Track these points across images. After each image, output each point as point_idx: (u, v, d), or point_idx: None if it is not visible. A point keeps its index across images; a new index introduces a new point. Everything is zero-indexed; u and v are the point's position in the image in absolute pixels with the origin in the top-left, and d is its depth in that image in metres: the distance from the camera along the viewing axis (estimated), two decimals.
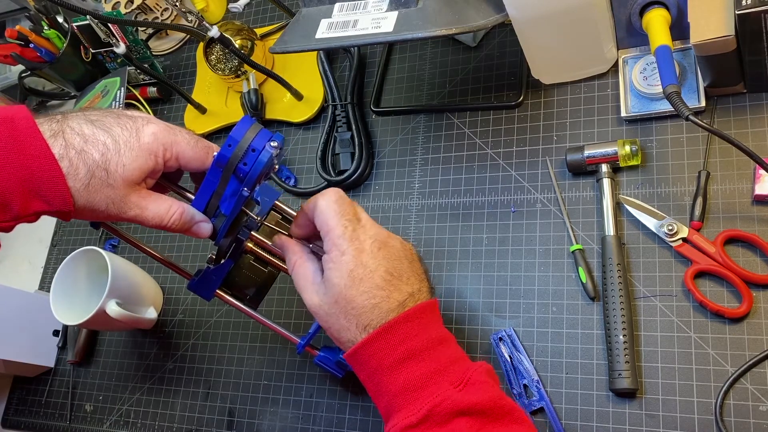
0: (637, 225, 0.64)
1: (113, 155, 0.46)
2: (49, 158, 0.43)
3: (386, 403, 0.49)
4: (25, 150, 0.43)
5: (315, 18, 0.65)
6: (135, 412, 0.81)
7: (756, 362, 0.56)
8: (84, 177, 0.45)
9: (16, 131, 0.43)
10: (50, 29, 0.94)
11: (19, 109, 0.45)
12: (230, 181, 0.50)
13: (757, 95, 0.63)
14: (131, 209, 0.48)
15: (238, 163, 0.49)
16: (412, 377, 0.48)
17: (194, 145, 0.50)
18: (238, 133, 0.48)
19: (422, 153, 0.77)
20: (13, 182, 0.43)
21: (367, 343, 0.49)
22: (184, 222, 0.51)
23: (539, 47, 0.67)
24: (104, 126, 0.46)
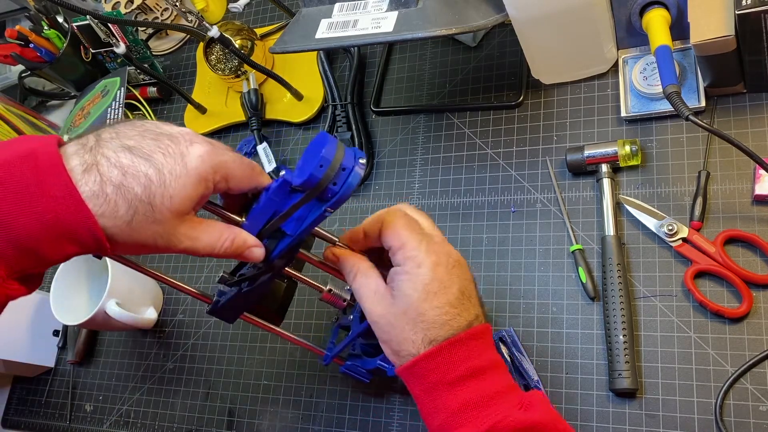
0: (637, 225, 0.64)
1: (158, 188, 0.40)
2: (75, 199, 0.38)
3: (443, 421, 0.48)
4: (48, 191, 0.38)
5: (315, 18, 0.65)
6: (135, 412, 0.81)
7: (756, 362, 0.56)
8: (125, 214, 0.40)
9: (38, 170, 0.38)
10: (50, 29, 0.94)
11: (46, 143, 0.39)
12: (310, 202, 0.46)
13: (757, 95, 0.63)
14: (182, 242, 0.44)
15: (328, 184, 0.45)
16: (474, 396, 0.47)
17: (241, 164, 0.46)
18: (329, 152, 0.44)
19: (422, 153, 0.77)
20: (37, 227, 0.38)
21: (429, 356, 0.48)
22: (237, 248, 0.47)
23: (539, 47, 0.67)
24: (144, 153, 0.41)
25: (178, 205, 0.41)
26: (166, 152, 0.41)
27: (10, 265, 0.39)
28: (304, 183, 0.44)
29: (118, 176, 0.39)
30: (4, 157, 0.38)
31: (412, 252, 0.49)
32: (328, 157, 0.44)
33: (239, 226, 0.48)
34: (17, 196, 0.37)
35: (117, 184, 0.39)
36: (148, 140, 0.41)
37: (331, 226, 0.79)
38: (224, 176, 0.44)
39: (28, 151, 0.38)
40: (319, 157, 0.43)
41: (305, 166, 0.45)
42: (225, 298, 0.53)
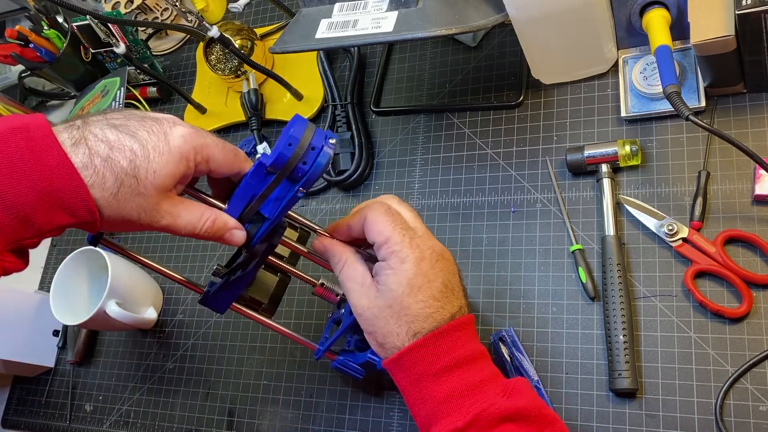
0: (637, 225, 0.64)
1: (142, 161, 0.42)
2: (68, 168, 0.40)
3: (429, 411, 0.48)
4: (43, 161, 0.39)
5: (315, 18, 0.65)
6: (135, 412, 0.81)
7: (756, 362, 0.56)
8: (112, 186, 0.41)
9: (32, 141, 0.40)
10: (50, 29, 0.94)
11: (35, 117, 0.41)
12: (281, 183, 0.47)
13: (757, 95, 0.63)
14: (163, 218, 0.45)
15: (297, 163, 0.46)
16: (459, 385, 0.48)
17: (222, 148, 0.47)
18: (297, 131, 0.45)
19: (422, 153, 0.77)
20: (32, 196, 0.39)
21: (414, 348, 0.49)
22: (217, 229, 0.48)
23: (539, 47, 0.67)
24: (129, 130, 0.42)
25: (161, 181, 0.43)
26: (150, 131, 0.43)
27: (5, 235, 0.39)
28: (273, 163, 0.46)
29: (105, 150, 0.41)
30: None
31: (395, 247, 0.50)
32: (296, 135, 0.45)
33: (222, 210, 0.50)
34: (12, 165, 0.39)
35: (104, 157, 0.41)
36: (133, 121, 0.43)
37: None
38: (205, 158, 0.46)
39: (20, 125, 0.40)
40: (288, 136, 0.45)
41: (276, 146, 0.46)
42: (214, 287, 0.54)
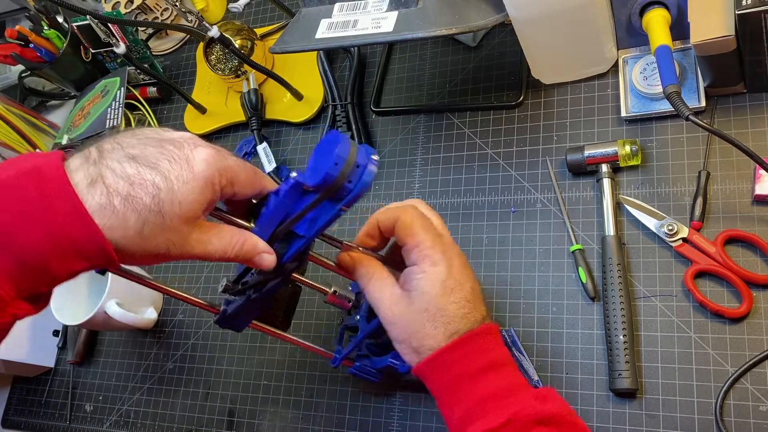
0: (637, 225, 0.64)
1: (166, 194, 0.39)
2: (82, 214, 0.37)
3: (464, 412, 0.48)
4: (54, 206, 0.37)
5: (315, 18, 0.65)
6: (135, 412, 0.81)
7: (756, 362, 0.56)
8: (135, 225, 0.39)
9: (44, 185, 0.37)
10: (50, 29, 0.94)
11: (49, 158, 0.39)
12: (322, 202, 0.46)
13: (757, 95, 0.63)
14: (194, 248, 0.43)
15: (343, 182, 0.44)
16: (494, 387, 0.49)
17: (244, 168, 0.45)
18: (343, 150, 0.43)
19: (422, 153, 0.77)
20: (45, 244, 0.37)
21: (451, 348, 0.49)
22: (246, 252, 0.46)
23: (539, 47, 0.67)
24: (149, 161, 0.40)
25: (187, 211, 0.41)
26: (171, 158, 0.40)
27: (17, 284, 0.38)
28: (320, 183, 0.43)
29: (125, 187, 0.38)
30: (8, 174, 0.37)
31: (427, 251, 0.51)
32: (342, 155, 0.43)
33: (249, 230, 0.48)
34: (23, 212, 0.37)
35: (125, 195, 0.38)
36: (150, 148, 0.40)
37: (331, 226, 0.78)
38: (230, 180, 0.44)
39: (32, 168, 0.38)
40: (334, 155, 0.43)
41: (319, 165, 0.44)
42: (232, 307, 0.52)
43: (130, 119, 0.92)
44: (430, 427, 0.66)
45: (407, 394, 0.68)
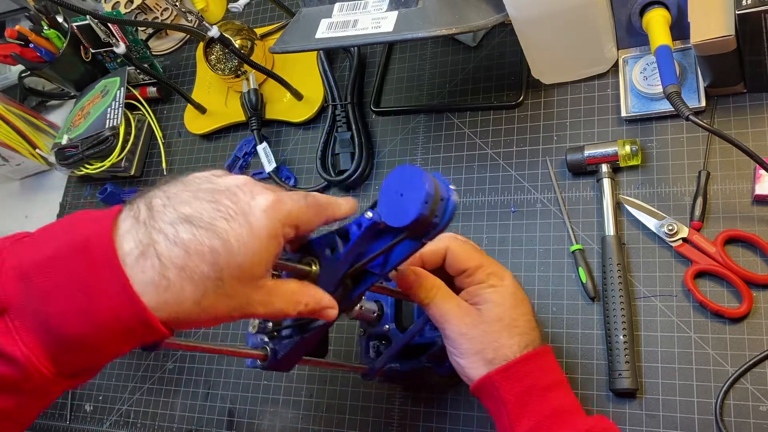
0: (637, 225, 0.64)
1: (225, 260, 0.36)
2: (129, 295, 0.34)
3: (534, 424, 0.49)
4: (100, 286, 0.35)
5: (315, 18, 0.65)
6: (135, 412, 0.81)
7: (756, 362, 0.56)
8: (192, 296, 0.36)
9: (91, 261, 0.35)
10: (50, 29, 0.94)
11: (100, 227, 0.36)
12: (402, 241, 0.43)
13: (758, 95, 0.63)
14: (257, 310, 0.40)
15: (432, 219, 0.41)
16: (563, 403, 0.51)
17: (306, 208, 0.41)
18: (431, 187, 0.41)
19: (422, 153, 0.77)
20: (90, 328, 0.35)
21: (526, 360, 0.51)
22: (311, 310, 0.43)
23: (539, 47, 0.67)
24: (205, 222, 0.36)
25: (249, 274, 0.37)
26: (228, 215, 0.36)
27: (59, 365, 0.36)
28: (412, 223, 0.40)
29: (180, 256, 0.35)
30: (56, 249, 0.35)
31: (492, 268, 0.53)
32: (431, 192, 0.41)
33: (313, 276, 0.45)
34: (69, 294, 0.35)
35: (180, 266, 0.35)
36: (205, 203, 0.37)
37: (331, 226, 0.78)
38: (293, 225, 0.40)
39: (81, 242, 0.35)
40: (424, 193, 0.40)
41: (401, 204, 0.41)
42: (284, 349, 0.49)
43: (130, 119, 0.92)
44: (430, 427, 0.66)
45: (407, 395, 0.68)
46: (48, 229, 0.38)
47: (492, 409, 0.52)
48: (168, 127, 0.96)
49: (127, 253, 0.35)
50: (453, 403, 0.65)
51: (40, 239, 0.37)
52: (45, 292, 0.35)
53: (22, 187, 1.07)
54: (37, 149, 1.01)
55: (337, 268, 0.44)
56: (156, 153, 0.95)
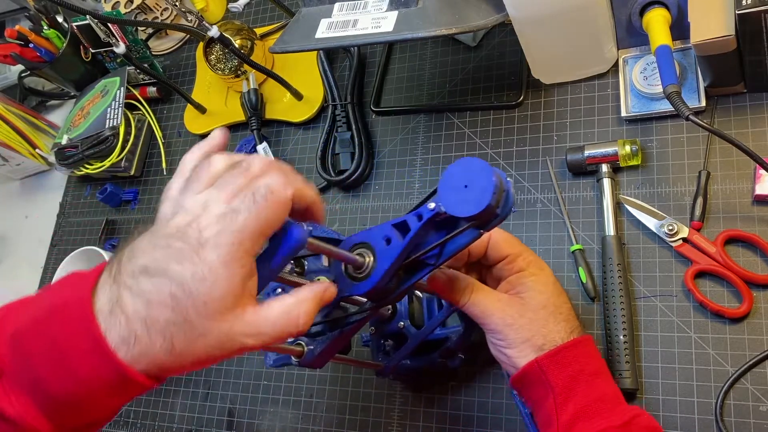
0: (637, 225, 0.64)
1: (186, 301, 0.35)
2: (104, 353, 0.35)
3: (581, 408, 0.50)
4: (79, 346, 0.35)
5: (315, 18, 0.65)
6: (135, 412, 0.81)
7: (756, 362, 0.56)
8: (163, 347, 0.35)
9: (68, 324, 0.35)
10: (50, 29, 0.94)
11: (79, 290, 0.36)
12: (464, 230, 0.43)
13: (758, 95, 0.63)
14: (246, 342, 0.37)
15: (496, 210, 0.41)
16: (607, 390, 0.52)
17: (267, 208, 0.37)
18: (497, 177, 0.41)
19: (422, 153, 0.77)
20: (73, 386, 0.36)
21: (574, 345, 0.52)
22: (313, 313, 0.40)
23: (539, 47, 0.67)
24: (159, 268, 0.35)
25: (218, 308, 0.36)
26: (180, 257, 0.35)
27: (56, 422, 0.37)
28: (480, 213, 0.40)
29: (143, 308, 0.35)
30: (40, 311, 0.37)
31: (531, 257, 0.55)
32: (497, 183, 0.41)
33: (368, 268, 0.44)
34: (51, 355, 0.35)
35: (143, 319, 0.35)
36: (159, 250, 0.36)
37: (331, 225, 0.79)
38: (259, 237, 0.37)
39: (61, 303, 0.36)
40: (492, 184, 0.40)
41: (470, 195, 0.41)
42: (321, 345, 0.49)
43: (129, 119, 0.92)
44: (430, 427, 0.65)
45: (407, 394, 0.68)
46: (43, 291, 0.39)
47: (535, 395, 0.52)
48: (168, 127, 0.96)
49: (100, 310, 0.35)
50: (453, 403, 0.65)
51: (33, 303, 0.38)
52: (31, 355, 0.36)
53: (22, 187, 1.07)
54: (37, 149, 1.01)
55: (393, 259, 0.44)
56: (156, 153, 0.95)
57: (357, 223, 0.77)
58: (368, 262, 0.45)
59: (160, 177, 0.93)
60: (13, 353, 0.36)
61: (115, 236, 0.93)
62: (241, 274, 0.36)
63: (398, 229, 0.44)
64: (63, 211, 1.00)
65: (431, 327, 0.58)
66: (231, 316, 0.36)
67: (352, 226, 0.78)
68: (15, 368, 0.36)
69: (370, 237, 0.45)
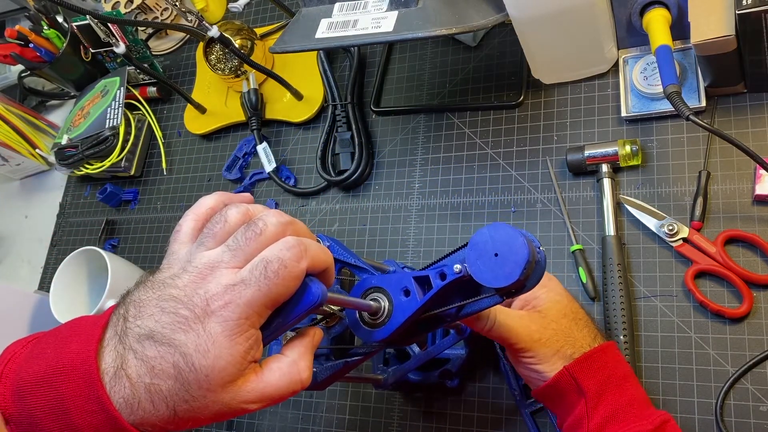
0: (637, 225, 0.64)
1: (190, 374, 0.35)
2: (108, 415, 0.35)
3: (611, 412, 0.50)
4: (84, 407, 0.35)
5: (315, 18, 0.65)
6: None
7: (756, 362, 0.56)
8: (165, 413, 0.36)
9: (74, 383, 0.35)
10: (50, 29, 0.94)
11: (84, 345, 0.36)
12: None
13: (758, 95, 0.63)
14: (249, 408, 0.38)
15: (525, 282, 0.41)
16: (636, 394, 0.52)
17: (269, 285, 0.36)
18: (530, 253, 0.40)
19: (422, 153, 0.77)
20: None
21: (602, 350, 0.52)
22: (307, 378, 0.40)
23: (539, 47, 0.67)
24: (166, 337, 0.35)
25: (219, 381, 0.36)
26: (187, 326, 0.35)
27: None
28: (510, 286, 0.40)
29: (146, 375, 0.35)
30: (45, 369, 0.36)
31: None
32: (530, 258, 0.40)
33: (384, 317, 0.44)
34: (55, 413, 0.36)
35: (147, 386, 0.35)
36: (166, 315, 0.36)
37: (331, 225, 0.79)
38: (266, 307, 0.36)
39: (67, 363, 0.36)
40: (525, 260, 0.39)
41: (499, 265, 0.40)
42: (325, 372, 0.49)
43: (130, 119, 0.92)
44: (430, 427, 0.65)
45: (407, 395, 0.67)
46: (47, 339, 0.39)
47: (565, 402, 0.52)
48: (168, 127, 0.96)
49: (105, 371, 0.35)
50: (453, 404, 0.65)
51: (39, 351, 0.38)
52: (35, 411, 0.36)
53: (22, 187, 1.07)
54: (37, 149, 1.01)
55: (410, 314, 0.43)
56: (156, 153, 0.95)
57: (357, 223, 0.77)
58: (384, 308, 0.44)
59: (160, 177, 0.93)
60: (19, 406, 0.36)
61: (115, 236, 0.93)
62: (244, 347, 0.36)
63: (419, 282, 0.44)
64: (63, 211, 1.00)
65: (435, 351, 0.57)
66: (233, 387, 0.37)
67: (352, 226, 0.78)
68: (20, 419, 0.36)
69: (388, 283, 0.45)
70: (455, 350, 0.60)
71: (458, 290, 0.44)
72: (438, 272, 0.43)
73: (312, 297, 0.37)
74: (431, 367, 0.62)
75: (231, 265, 0.37)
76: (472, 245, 0.41)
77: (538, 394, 0.54)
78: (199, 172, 0.90)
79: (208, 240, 0.38)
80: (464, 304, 0.43)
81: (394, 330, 0.43)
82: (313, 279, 0.38)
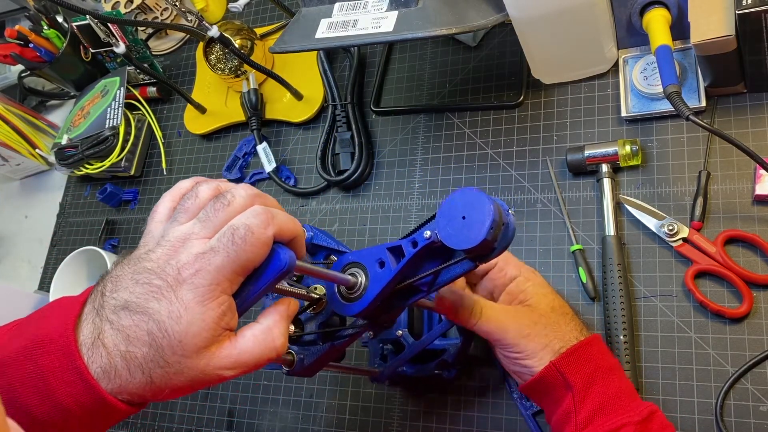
0: (637, 225, 0.64)
1: (162, 340, 0.36)
2: (87, 384, 0.36)
3: (599, 404, 0.50)
4: (62, 377, 0.36)
5: (315, 18, 0.65)
6: None
7: (756, 362, 0.56)
8: (142, 380, 0.37)
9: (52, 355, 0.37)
10: (50, 29, 0.94)
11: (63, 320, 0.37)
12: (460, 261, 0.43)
13: (758, 95, 0.63)
14: (224, 374, 0.38)
15: (493, 244, 0.41)
16: (622, 386, 0.52)
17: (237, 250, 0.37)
18: (495, 213, 0.40)
19: (422, 153, 0.77)
20: (60, 415, 0.37)
21: (589, 343, 0.53)
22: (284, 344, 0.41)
23: (539, 47, 0.67)
24: (139, 306, 0.36)
25: (192, 347, 0.37)
26: (158, 294, 0.36)
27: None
28: (475, 247, 0.40)
29: (122, 343, 0.36)
30: (26, 342, 0.38)
31: (519, 262, 0.57)
32: (496, 218, 0.40)
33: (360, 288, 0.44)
34: (34, 384, 0.37)
35: (123, 354, 0.36)
36: (140, 286, 0.37)
37: (331, 225, 0.79)
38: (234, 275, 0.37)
39: (45, 335, 0.37)
40: (490, 219, 0.40)
41: (467, 228, 0.40)
42: (312, 356, 0.49)
43: (130, 119, 0.92)
44: (430, 427, 0.65)
45: (407, 394, 0.67)
46: (30, 318, 0.41)
47: (552, 397, 0.52)
48: (168, 127, 0.96)
49: (83, 343, 0.37)
50: (453, 403, 0.65)
51: (21, 331, 0.39)
52: (16, 383, 0.37)
53: (22, 187, 1.07)
54: (37, 149, 1.01)
55: (385, 284, 0.44)
56: (156, 153, 0.95)
57: (357, 223, 0.77)
58: (360, 282, 0.45)
59: (160, 177, 0.93)
60: (0, 382, 0.37)
61: (115, 236, 0.93)
62: (216, 312, 0.37)
63: (393, 253, 0.44)
64: (63, 211, 1.00)
65: (429, 340, 0.57)
66: (207, 353, 0.38)
67: (352, 226, 0.78)
68: (3, 393, 0.37)
69: (364, 257, 0.45)
70: (450, 340, 0.60)
71: (433, 258, 0.44)
72: (410, 241, 0.43)
73: (280, 263, 0.38)
74: (427, 360, 0.61)
75: (201, 236, 0.38)
76: (441, 210, 0.42)
77: (525, 388, 0.54)
78: (199, 172, 0.90)
79: (180, 215, 0.39)
80: (438, 270, 0.43)
81: (371, 300, 0.44)
82: (282, 246, 0.39)
